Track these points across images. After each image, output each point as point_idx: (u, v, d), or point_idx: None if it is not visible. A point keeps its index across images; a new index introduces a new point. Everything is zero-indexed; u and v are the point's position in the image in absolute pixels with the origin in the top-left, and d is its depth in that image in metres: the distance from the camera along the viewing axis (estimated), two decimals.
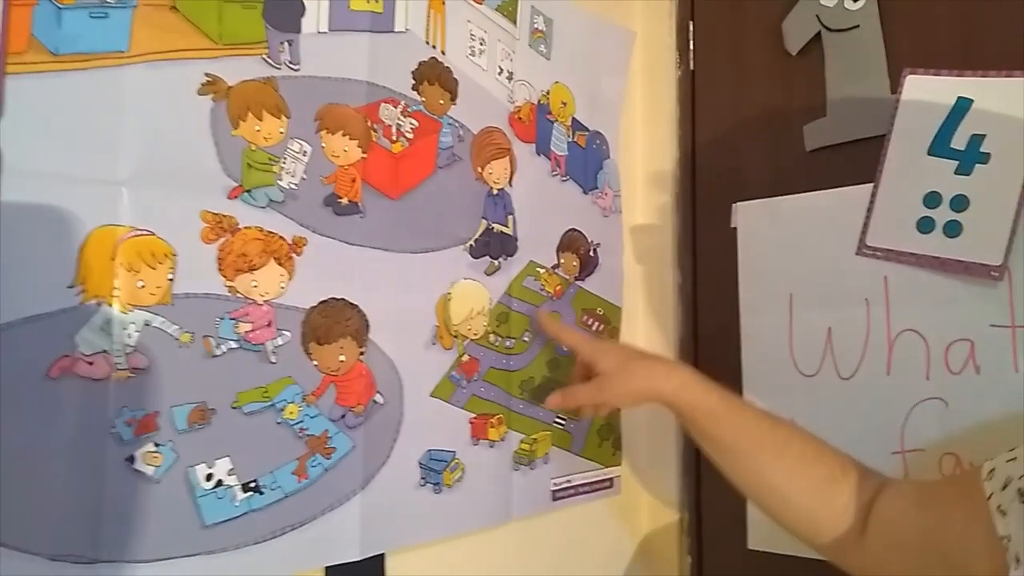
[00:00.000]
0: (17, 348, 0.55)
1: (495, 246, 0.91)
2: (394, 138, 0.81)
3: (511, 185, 0.94)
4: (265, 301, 0.69)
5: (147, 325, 0.62)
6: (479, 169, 0.90)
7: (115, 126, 0.61)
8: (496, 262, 0.91)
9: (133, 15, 0.63)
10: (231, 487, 0.65)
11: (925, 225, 0.91)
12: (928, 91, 0.92)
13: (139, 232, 0.62)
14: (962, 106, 0.90)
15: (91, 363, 0.59)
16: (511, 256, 0.93)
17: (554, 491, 0.95)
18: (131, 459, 0.60)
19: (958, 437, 0.87)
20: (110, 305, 0.60)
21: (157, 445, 0.62)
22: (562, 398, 0.86)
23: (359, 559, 0.73)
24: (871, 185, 0.94)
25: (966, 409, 0.87)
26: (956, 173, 0.89)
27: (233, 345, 0.66)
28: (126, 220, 0.61)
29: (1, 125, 0.55)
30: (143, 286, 0.62)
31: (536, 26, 1.00)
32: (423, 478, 0.80)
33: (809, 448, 0.75)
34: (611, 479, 1.05)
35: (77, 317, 0.58)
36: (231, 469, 0.65)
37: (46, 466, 0.57)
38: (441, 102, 0.86)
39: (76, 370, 0.58)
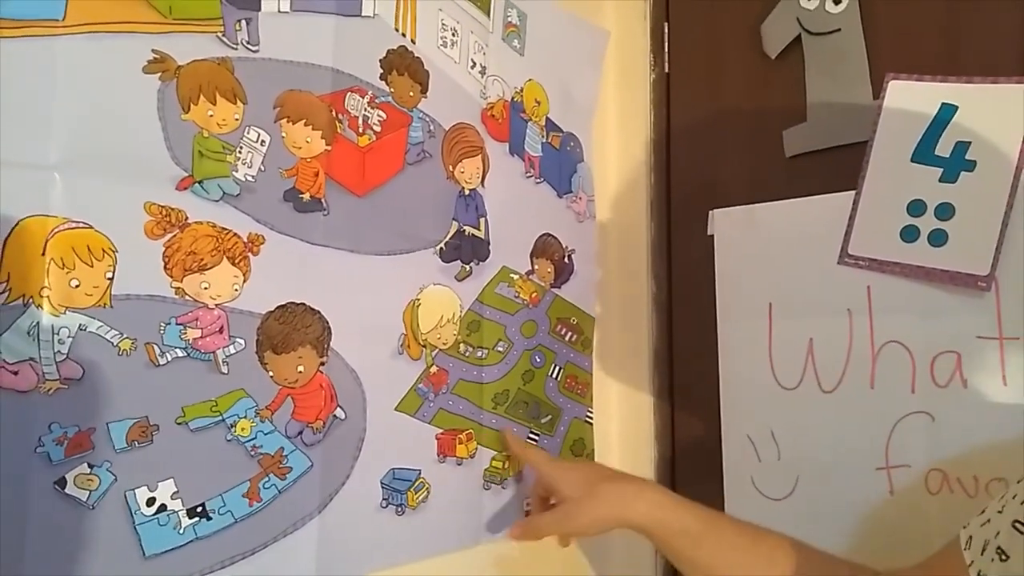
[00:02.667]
0: None
1: (466, 250, 0.86)
2: (361, 130, 0.75)
3: (483, 185, 0.89)
4: (216, 305, 0.62)
5: (82, 330, 0.55)
6: (450, 167, 0.85)
7: (48, 103, 0.54)
8: (467, 267, 0.86)
9: None
10: (175, 512, 0.58)
11: (909, 234, 0.88)
12: (911, 97, 0.90)
13: (74, 224, 0.55)
14: (946, 112, 0.87)
15: (15, 372, 0.51)
16: (483, 261, 0.88)
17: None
18: (61, 482, 0.53)
19: (945, 453, 0.84)
20: (39, 306, 0.53)
21: (91, 466, 0.54)
22: (522, 531, 0.81)
23: None
24: (853, 193, 0.92)
25: (953, 424, 0.84)
26: (941, 181, 0.87)
27: (179, 353, 0.59)
28: (59, 210, 0.54)
29: None
30: (78, 286, 0.54)
31: (510, 20, 0.95)
32: (385, 499, 0.74)
33: (797, 561, 0.70)
34: None
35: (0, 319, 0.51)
36: (175, 492, 0.58)
37: None
38: (411, 94, 0.81)
39: None
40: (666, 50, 1.11)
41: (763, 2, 1.01)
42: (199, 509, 0.59)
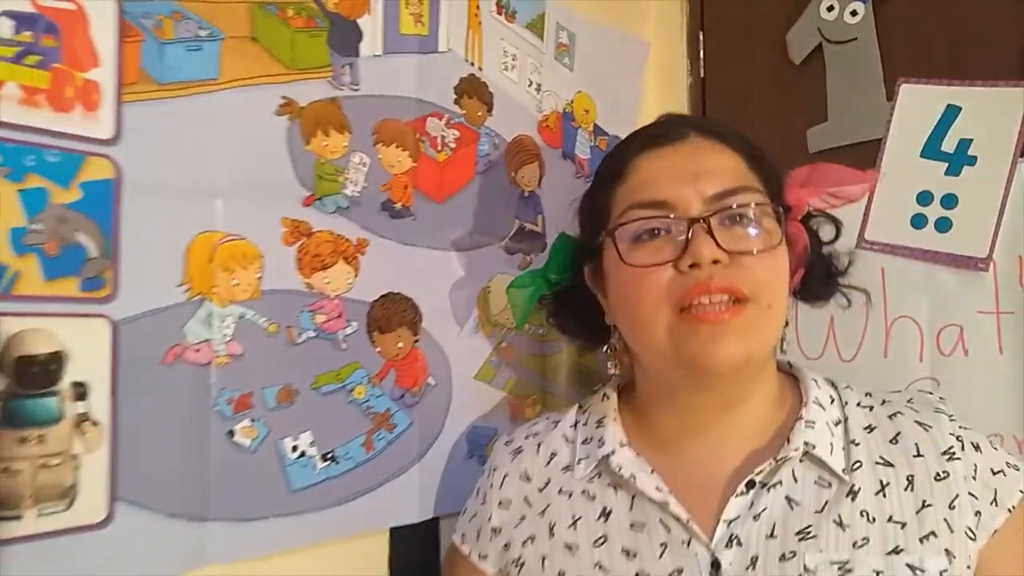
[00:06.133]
0: (140, 338, 0.65)
1: (527, 243, 1.00)
2: (439, 148, 0.90)
3: (540, 187, 1.03)
4: (336, 295, 0.78)
5: (241, 318, 0.71)
6: (512, 173, 0.99)
7: (210, 144, 0.71)
8: (528, 258, 1.00)
9: (221, 47, 0.72)
10: (312, 457, 0.75)
11: (918, 221, 1.00)
12: (921, 98, 1.01)
13: (232, 237, 0.71)
14: (951, 112, 0.99)
15: (197, 351, 0.68)
16: (541, 252, 1.02)
17: None
18: (231, 433, 0.70)
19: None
20: (211, 301, 0.69)
21: (252, 421, 0.71)
22: None
23: (417, 521, 0.83)
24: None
25: (956, 387, 0.96)
26: (946, 174, 0.98)
27: (311, 334, 0.76)
28: (221, 227, 0.71)
29: (122, 147, 0.65)
30: (237, 284, 0.71)
31: (561, 40, 1.09)
32: (470, 451, 0.90)
33: None
34: None
35: (185, 311, 0.68)
36: (312, 441, 0.75)
37: (163, 438, 0.66)
38: (479, 114, 0.95)
39: (185, 357, 0.68)
40: (701, 57, 1.23)
41: (788, 13, 1.13)
42: (330, 455, 0.76)
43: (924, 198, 1.00)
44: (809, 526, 0.62)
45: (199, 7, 0.70)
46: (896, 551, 0.61)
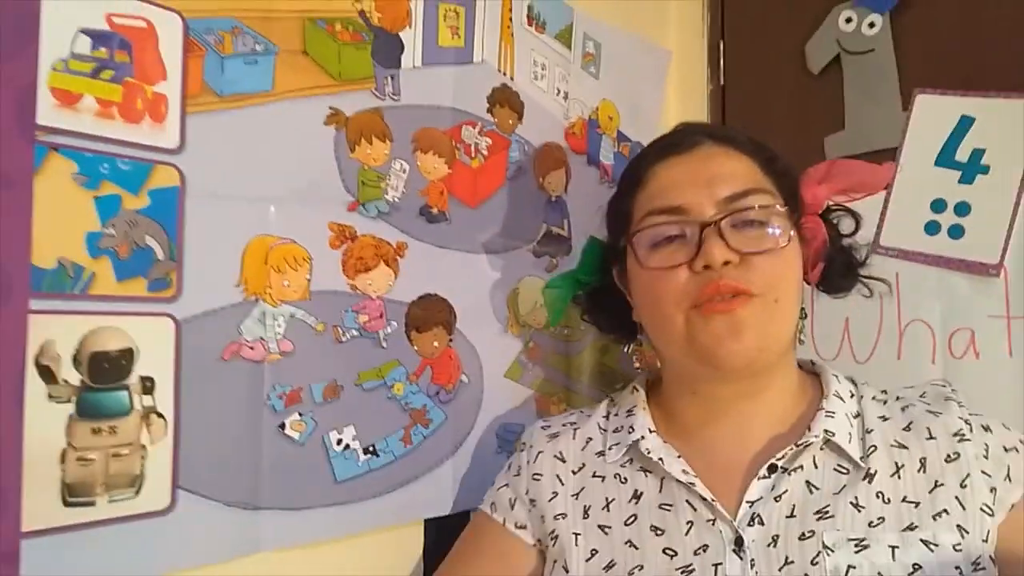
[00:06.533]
0: (200, 336, 0.69)
1: (553, 246, 1.04)
2: (473, 155, 0.94)
3: (566, 192, 1.07)
4: (377, 296, 0.82)
5: (291, 317, 0.75)
6: (540, 179, 1.03)
7: (265, 153, 0.75)
8: (554, 260, 1.04)
9: (275, 60, 0.76)
10: (355, 450, 0.79)
11: (931, 228, 1.04)
12: (936, 109, 1.05)
13: (284, 240, 0.75)
14: (965, 123, 1.02)
15: (252, 348, 0.72)
16: (567, 255, 1.06)
17: None
18: (282, 426, 0.74)
19: None
20: (264, 301, 0.73)
21: (301, 415, 0.75)
22: None
23: (450, 514, 0.87)
24: (884, 192, 1.07)
25: (967, 389, 0.97)
26: (960, 182, 1.02)
27: (355, 333, 0.80)
28: (274, 231, 0.75)
29: (186, 156, 0.69)
30: (288, 285, 0.75)
31: (587, 50, 1.12)
32: (499, 446, 0.94)
33: None
34: None
35: (241, 310, 0.72)
36: (355, 435, 0.79)
37: (220, 430, 0.70)
38: (510, 122, 0.99)
39: (242, 354, 0.72)
40: (721, 66, 1.27)
41: (807, 24, 1.16)
42: (371, 448, 0.80)
43: (938, 205, 1.03)
44: (827, 506, 0.66)
45: (256, 23, 0.74)
46: (911, 528, 0.65)
